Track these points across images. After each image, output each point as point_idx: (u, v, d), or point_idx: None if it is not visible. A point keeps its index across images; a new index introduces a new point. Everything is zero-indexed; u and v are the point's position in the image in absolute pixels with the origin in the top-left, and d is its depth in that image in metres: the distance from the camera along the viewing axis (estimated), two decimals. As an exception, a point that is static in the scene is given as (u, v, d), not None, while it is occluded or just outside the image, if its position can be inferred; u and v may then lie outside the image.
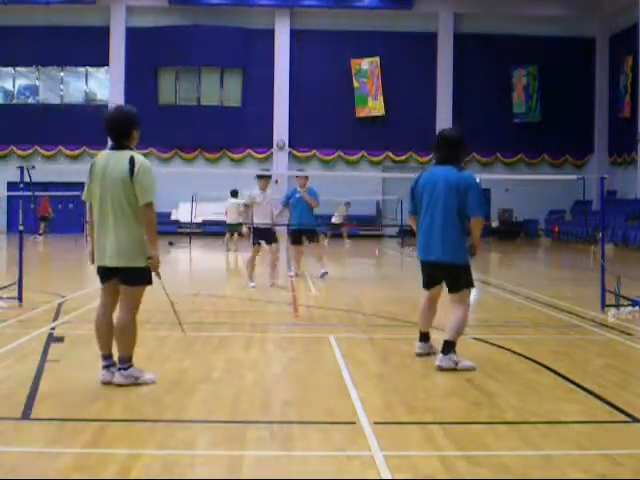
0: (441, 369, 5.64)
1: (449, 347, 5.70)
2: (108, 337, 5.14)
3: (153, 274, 5.08)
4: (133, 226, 4.93)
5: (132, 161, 4.88)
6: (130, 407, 4.62)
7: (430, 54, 32.55)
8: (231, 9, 32.16)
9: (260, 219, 11.38)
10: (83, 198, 5.21)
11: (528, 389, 5.16)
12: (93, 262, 5.22)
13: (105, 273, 5.12)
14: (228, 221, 20.71)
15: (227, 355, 6.18)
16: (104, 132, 5.01)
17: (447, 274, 5.84)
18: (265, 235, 11.42)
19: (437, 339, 7.35)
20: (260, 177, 11.60)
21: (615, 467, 3.60)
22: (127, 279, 5.02)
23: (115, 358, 5.14)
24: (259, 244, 11.51)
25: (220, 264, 18.42)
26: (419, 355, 6.18)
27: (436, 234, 5.72)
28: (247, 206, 11.64)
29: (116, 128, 4.99)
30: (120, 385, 5.02)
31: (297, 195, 12.76)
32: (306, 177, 13.15)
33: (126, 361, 5.06)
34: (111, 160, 4.96)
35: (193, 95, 32.80)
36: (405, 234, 25.03)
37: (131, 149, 5.02)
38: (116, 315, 5.18)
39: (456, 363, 5.66)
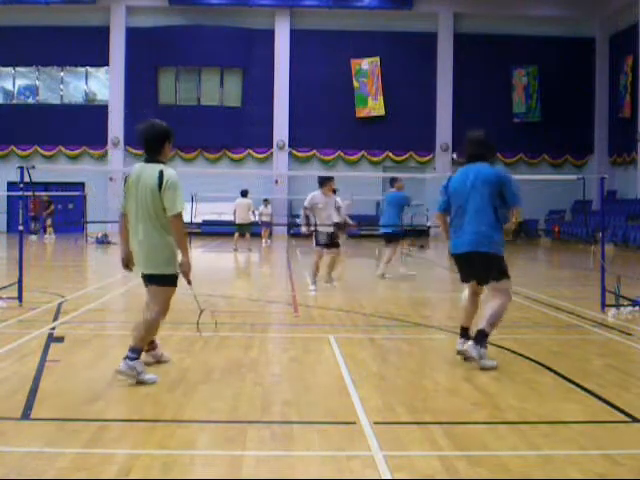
0: (464, 356, 5.54)
1: (481, 337, 5.62)
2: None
3: (184, 281, 5.31)
4: (162, 235, 5.17)
5: (161, 175, 5.15)
6: (130, 407, 4.62)
7: (430, 54, 32.56)
8: (231, 9, 32.16)
9: (323, 223, 11.27)
10: (121, 210, 5.40)
11: (528, 389, 5.16)
12: (125, 267, 5.52)
13: (144, 279, 5.43)
14: (237, 221, 20.73)
15: (227, 355, 6.18)
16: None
17: (480, 264, 5.84)
18: (328, 239, 11.36)
19: (436, 338, 7.36)
20: (322, 182, 11.36)
21: (615, 467, 3.60)
22: (155, 281, 5.28)
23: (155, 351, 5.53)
24: (323, 247, 11.40)
25: (220, 264, 18.42)
26: (460, 352, 6.00)
27: (470, 226, 5.80)
28: (307, 209, 11.29)
29: (149, 142, 5.27)
30: (120, 372, 5.08)
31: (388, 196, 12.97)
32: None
33: (135, 352, 5.16)
34: (143, 172, 5.24)
35: (193, 95, 32.81)
36: (405, 235, 24.99)
37: (162, 162, 5.30)
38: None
39: (480, 357, 5.56)
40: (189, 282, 5.34)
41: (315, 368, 5.76)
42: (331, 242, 11.44)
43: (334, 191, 11.29)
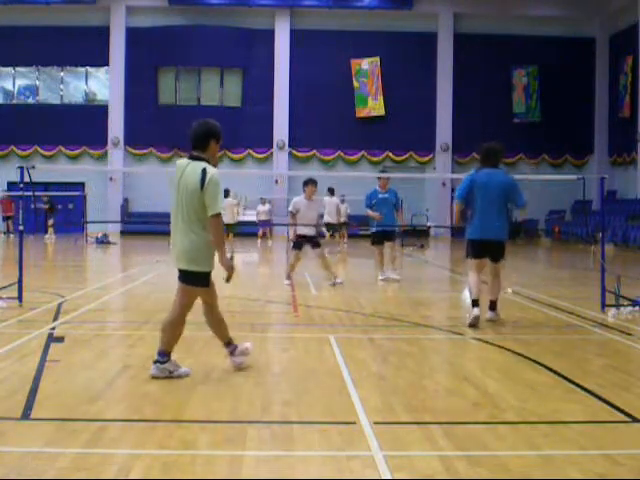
0: (491, 320, 7.82)
1: (495, 305, 7.97)
2: (220, 329, 5.56)
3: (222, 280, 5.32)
4: (198, 233, 5.21)
5: (204, 173, 5.12)
6: (130, 407, 4.62)
7: (430, 54, 32.56)
8: (231, 9, 32.16)
9: (305, 225, 11.56)
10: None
11: (528, 389, 5.16)
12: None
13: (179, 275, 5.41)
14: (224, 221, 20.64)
15: (227, 355, 6.18)
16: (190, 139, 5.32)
17: (497, 248, 7.95)
18: (309, 240, 11.72)
19: (436, 338, 7.37)
20: (306, 184, 11.65)
21: (615, 467, 3.60)
22: (184, 279, 5.32)
23: (234, 342, 5.60)
24: (300, 250, 11.78)
25: (219, 264, 18.40)
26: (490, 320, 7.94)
27: (496, 219, 7.77)
28: (293, 214, 11.67)
29: (194, 138, 5.33)
30: (155, 377, 5.21)
31: (380, 196, 12.55)
32: (387, 178, 12.82)
33: (164, 355, 5.28)
34: (187, 169, 5.25)
35: (193, 95, 32.81)
36: (405, 234, 25.03)
37: (207, 160, 5.27)
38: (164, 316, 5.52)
39: (497, 316, 7.96)
40: (228, 280, 5.31)
41: (315, 368, 5.76)
42: (313, 244, 11.73)
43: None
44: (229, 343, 5.60)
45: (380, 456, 3.68)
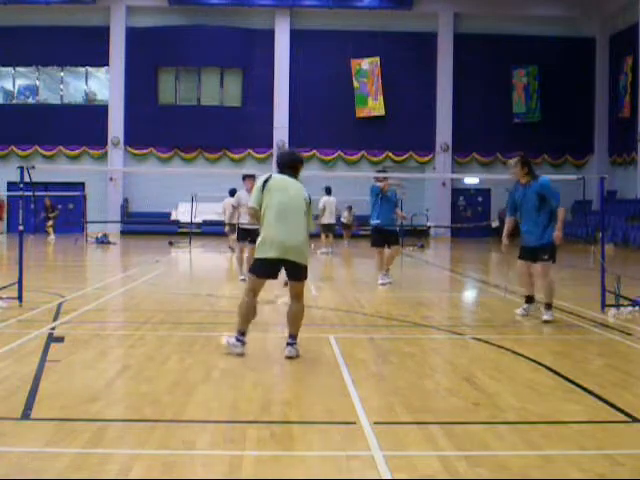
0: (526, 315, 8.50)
1: (550, 306, 8.32)
2: (252, 318, 6.32)
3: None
4: (305, 234, 6.30)
5: (307, 194, 6.43)
6: (130, 407, 4.62)
7: (430, 54, 32.55)
8: (231, 9, 32.16)
9: (246, 219, 11.49)
10: (256, 205, 6.30)
11: (528, 389, 5.16)
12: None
13: (272, 267, 6.17)
14: (227, 221, 20.53)
15: (227, 355, 6.18)
16: (279, 166, 6.54)
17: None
18: (250, 235, 11.54)
19: (436, 338, 7.36)
20: (246, 178, 11.92)
21: (615, 467, 3.60)
22: (296, 275, 6.21)
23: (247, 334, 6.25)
24: (244, 242, 11.90)
25: (219, 264, 18.41)
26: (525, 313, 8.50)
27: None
28: (235, 207, 12.17)
29: (294, 165, 6.57)
30: (290, 357, 6.01)
31: (388, 193, 12.07)
32: (386, 179, 12.30)
33: (296, 338, 6.22)
34: (290, 185, 6.35)
35: (193, 95, 32.80)
36: (405, 234, 25.01)
37: (297, 178, 6.52)
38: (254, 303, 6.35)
39: (551, 316, 8.22)
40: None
41: (315, 368, 5.77)
42: (250, 238, 11.57)
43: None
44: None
45: (380, 456, 3.68)
